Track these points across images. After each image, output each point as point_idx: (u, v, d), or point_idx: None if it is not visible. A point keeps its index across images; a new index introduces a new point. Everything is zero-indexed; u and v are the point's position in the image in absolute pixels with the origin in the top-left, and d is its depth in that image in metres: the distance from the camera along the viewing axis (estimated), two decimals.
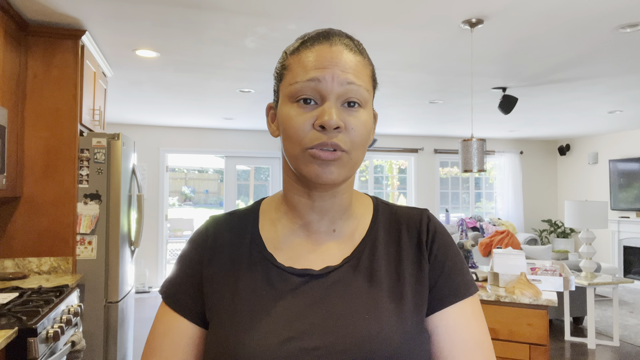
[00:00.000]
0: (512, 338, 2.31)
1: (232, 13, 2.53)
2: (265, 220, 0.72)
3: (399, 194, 8.03)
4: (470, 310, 0.67)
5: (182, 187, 16.63)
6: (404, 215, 0.73)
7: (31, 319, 1.77)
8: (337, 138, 0.60)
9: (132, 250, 3.13)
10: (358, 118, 0.62)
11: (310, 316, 0.62)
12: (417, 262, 0.68)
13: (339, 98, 0.61)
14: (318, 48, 0.63)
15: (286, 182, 0.70)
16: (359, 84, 0.62)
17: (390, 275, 0.66)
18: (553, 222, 8.00)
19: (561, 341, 4.21)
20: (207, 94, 4.53)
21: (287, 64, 0.65)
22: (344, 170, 0.62)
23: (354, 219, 0.71)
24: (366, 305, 0.62)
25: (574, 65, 3.49)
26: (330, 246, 0.68)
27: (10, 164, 2.39)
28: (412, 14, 2.55)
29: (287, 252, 0.68)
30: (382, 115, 5.74)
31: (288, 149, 0.64)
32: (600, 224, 4.04)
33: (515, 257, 2.52)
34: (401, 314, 0.63)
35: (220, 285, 0.67)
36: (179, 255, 0.74)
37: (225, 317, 0.64)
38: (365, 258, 0.67)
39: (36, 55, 2.61)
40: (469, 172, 2.89)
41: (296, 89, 0.62)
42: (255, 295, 0.64)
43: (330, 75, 0.61)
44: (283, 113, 0.64)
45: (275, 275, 0.66)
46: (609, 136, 7.43)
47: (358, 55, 0.64)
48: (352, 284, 0.64)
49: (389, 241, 0.70)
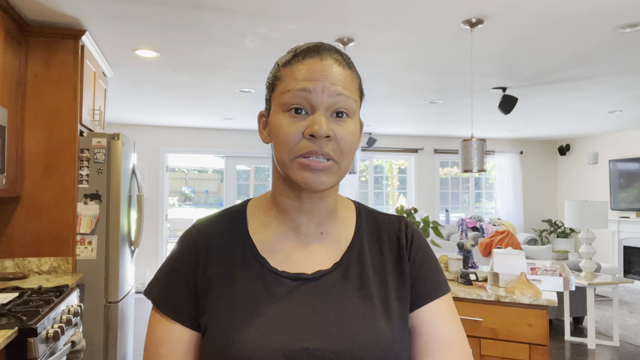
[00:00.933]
0: (512, 338, 2.31)
1: (232, 13, 2.53)
2: (255, 223, 0.74)
3: (399, 194, 8.03)
4: (445, 307, 0.73)
5: (182, 187, 16.62)
6: (384, 222, 0.78)
7: (31, 319, 1.77)
8: (327, 147, 0.64)
9: (132, 250, 3.13)
10: (346, 128, 0.66)
11: (308, 319, 0.64)
12: (399, 265, 0.73)
13: (328, 109, 0.65)
14: (309, 61, 0.66)
15: (276, 185, 0.72)
16: (348, 95, 0.66)
17: (377, 279, 0.71)
18: (553, 222, 8.00)
19: (561, 341, 4.21)
20: (207, 94, 4.53)
21: (280, 75, 0.68)
22: (332, 177, 0.66)
23: (339, 222, 0.75)
24: (358, 309, 0.66)
25: (574, 65, 3.49)
26: (319, 249, 0.72)
27: (10, 164, 2.39)
28: (412, 14, 2.55)
29: (279, 255, 0.70)
30: (382, 115, 5.74)
31: (278, 156, 0.66)
32: (600, 224, 4.04)
33: (515, 257, 2.52)
34: (389, 316, 0.68)
35: (217, 288, 0.67)
36: (169, 258, 0.72)
37: (223, 319, 0.65)
38: (354, 263, 0.71)
39: (36, 55, 2.61)
40: (469, 172, 2.89)
41: (288, 98, 0.65)
42: (253, 298, 0.66)
43: (321, 87, 0.64)
44: (275, 121, 0.67)
45: (270, 278, 0.68)
46: (609, 136, 7.43)
47: (347, 69, 0.68)
48: (344, 289, 0.68)
49: (372, 246, 0.74)
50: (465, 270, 2.62)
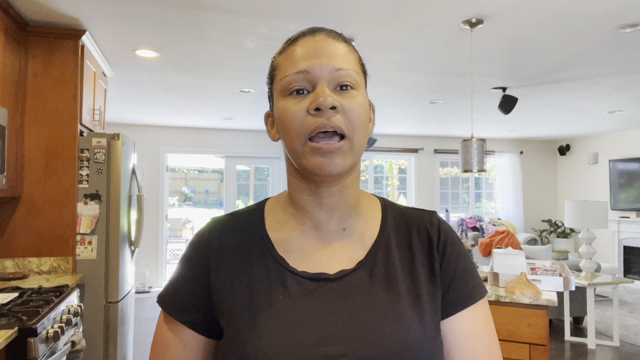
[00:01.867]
0: (512, 338, 2.31)
1: (232, 13, 2.53)
2: (272, 222, 0.70)
3: (399, 194, 8.03)
4: (481, 315, 0.67)
5: (182, 187, 16.63)
6: (413, 217, 0.72)
7: (31, 319, 1.77)
8: (335, 118, 0.60)
9: (132, 250, 3.13)
10: (353, 99, 0.62)
11: (331, 322, 0.60)
12: (429, 265, 0.67)
13: (330, 83, 0.62)
14: (302, 41, 0.64)
15: (291, 182, 0.68)
16: (348, 68, 0.63)
17: (406, 279, 0.65)
18: (553, 222, 8.00)
19: (561, 341, 4.21)
20: (207, 94, 4.52)
21: (276, 64, 0.66)
22: (347, 159, 0.61)
23: (363, 218, 0.69)
24: (387, 310, 0.62)
25: (574, 65, 3.49)
26: (342, 247, 0.67)
27: (10, 164, 2.39)
28: (412, 14, 2.55)
29: (298, 254, 0.66)
30: (382, 115, 5.74)
31: (289, 143, 0.63)
32: (600, 224, 4.04)
33: (515, 257, 2.52)
34: (421, 319, 0.62)
35: (234, 290, 0.64)
36: (181, 259, 0.70)
37: (242, 322, 0.62)
38: (380, 262, 0.66)
39: (36, 55, 2.61)
40: (469, 172, 2.89)
41: (287, 82, 0.63)
42: (272, 300, 0.62)
43: (319, 65, 0.61)
44: (279, 108, 0.64)
45: (289, 279, 0.64)
46: (609, 136, 7.43)
47: (342, 42, 0.65)
48: (370, 289, 0.63)
49: (400, 243, 0.69)
50: None
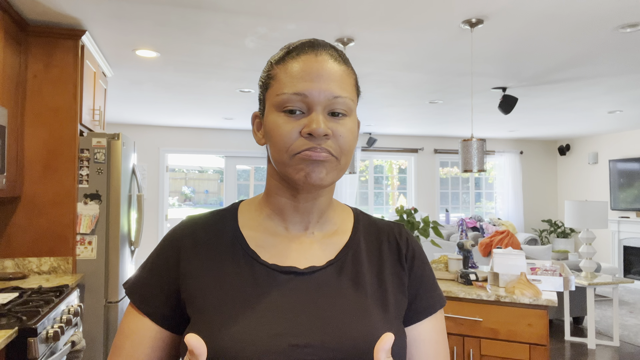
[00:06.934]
0: (512, 338, 2.31)
1: (232, 13, 2.53)
2: (246, 220, 0.72)
3: (399, 194, 8.03)
4: (440, 324, 0.73)
5: (182, 187, 16.62)
6: (384, 228, 0.76)
7: (31, 319, 1.77)
8: (326, 144, 0.62)
9: (132, 250, 3.13)
10: (344, 126, 0.64)
11: (299, 315, 0.62)
12: (397, 273, 0.72)
13: (325, 108, 0.63)
14: (304, 58, 0.64)
15: (271, 184, 0.70)
16: (345, 96, 0.64)
17: (373, 282, 0.69)
18: (553, 222, 8.00)
19: (561, 341, 4.21)
20: (207, 94, 4.53)
21: (273, 73, 0.66)
22: (332, 173, 0.64)
23: (332, 223, 0.73)
24: (353, 306, 0.64)
25: (574, 65, 3.49)
26: (312, 247, 0.70)
27: (10, 164, 2.39)
28: (412, 14, 2.55)
29: (270, 249, 0.68)
30: (382, 115, 5.74)
31: (275, 156, 0.65)
32: (600, 224, 4.04)
33: (515, 257, 2.52)
34: (387, 319, 0.66)
35: (204, 282, 0.66)
36: (151, 253, 0.72)
37: (211, 311, 0.63)
38: (349, 263, 0.69)
39: (36, 55, 2.61)
40: (469, 172, 2.89)
41: (283, 99, 0.63)
42: (242, 291, 0.64)
43: (317, 90, 0.62)
44: (270, 121, 0.65)
45: (260, 271, 0.66)
46: (609, 136, 7.43)
47: (342, 65, 0.66)
48: (339, 285, 0.66)
49: (370, 250, 0.72)
50: (465, 270, 2.63)
